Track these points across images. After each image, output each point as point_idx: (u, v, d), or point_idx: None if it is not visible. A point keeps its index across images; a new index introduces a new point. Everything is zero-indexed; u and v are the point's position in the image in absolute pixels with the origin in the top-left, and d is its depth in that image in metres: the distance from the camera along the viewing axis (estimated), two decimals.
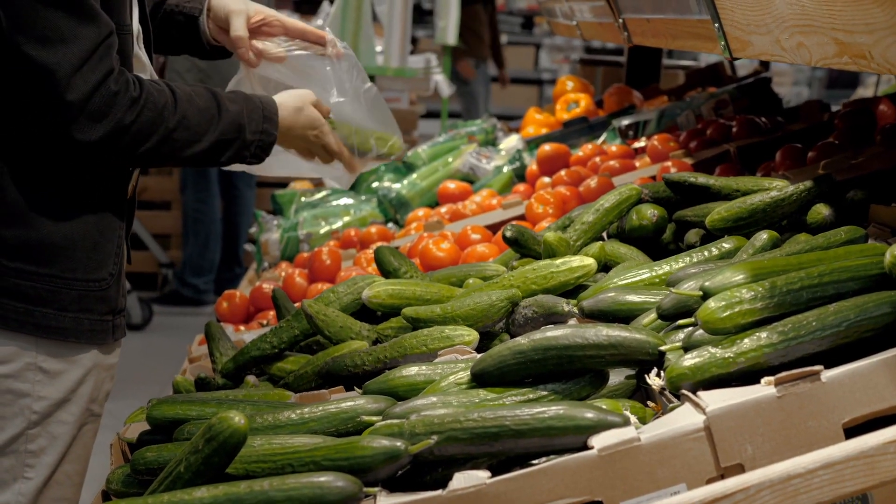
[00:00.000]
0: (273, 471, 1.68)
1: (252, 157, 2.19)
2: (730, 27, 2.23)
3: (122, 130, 1.99)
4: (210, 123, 2.11)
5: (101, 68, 1.96)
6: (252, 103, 2.19)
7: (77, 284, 2.06)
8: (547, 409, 1.61)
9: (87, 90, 1.95)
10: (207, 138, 2.11)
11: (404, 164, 4.24)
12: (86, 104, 1.95)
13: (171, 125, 2.05)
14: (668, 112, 3.98)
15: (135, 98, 2.00)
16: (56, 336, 2.05)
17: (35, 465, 2.08)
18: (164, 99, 2.06)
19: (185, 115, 2.08)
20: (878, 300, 1.65)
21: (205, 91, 2.15)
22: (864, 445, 1.46)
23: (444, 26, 8.81)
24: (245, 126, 2.16)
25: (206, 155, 2.13)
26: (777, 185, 2.32)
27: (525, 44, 13.97)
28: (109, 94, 1.97)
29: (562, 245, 2.31)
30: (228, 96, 2.18)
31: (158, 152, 2.06)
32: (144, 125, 2.02)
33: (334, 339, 2.27)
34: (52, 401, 2.06)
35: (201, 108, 2.11)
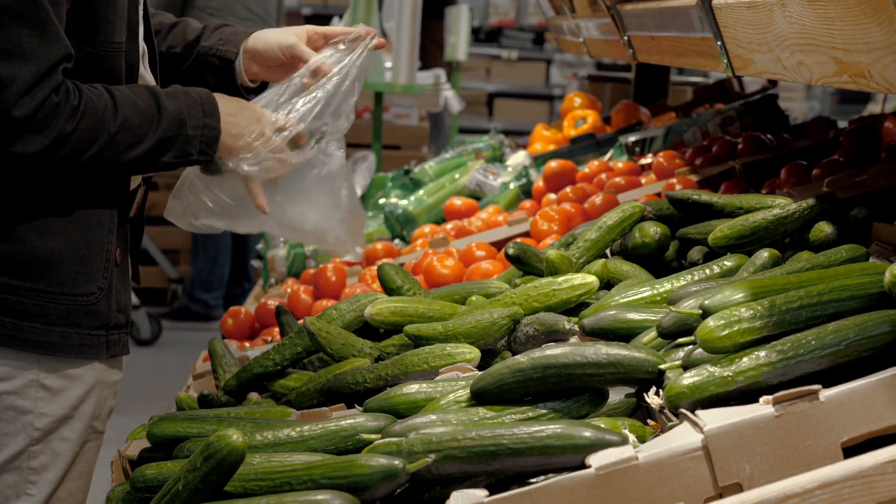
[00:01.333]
0: (271, 489, 1.68)
1: (199, 154, 2.14)
2: (732, 45, 2.23)
3: (63, 140, 1.97)
4: (151, 123, 2.07)
5: (49, 85, 1.94)
6: (191, 98, 2.14)
7: (64, 299, 2.05)
8: (545, 428, 1.60)
9: (33, 107, 1.93)
10: (150, 138, 2.06)
11: (411, 180, 4.24)
12: (31, 120, 1.93)
13: (113, 129, 2.02)
14: (675, 129, 3.98)
15: (75, 106, 1.98)
16: (44, 351, 2.04)
17: (37, 482, 2.08)
18: (103, 103, 2.02)
19: (125, 117, 2.04)
20: (878, 319, 1.65)
21: (144, 90, 2.11)
22: (862, 465, 1.46)
23: (454, 42, 8.81)
24: (186, 121, 2.11)
25: (149, 156, 2.08)
26: (780, 202, 2.31)
27: (536, 59, 13.96)
28: (51, 106, 1.95)
29: (564, 262, 2.31)
30: (167, 93, 2.13)
31: (101, 158, 2.02)
32: (85, 132, 1.99)
33: (336, 356, 2.27)
34: (54, 417, 2.07)
35: (142, 108, 2.07)
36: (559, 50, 9.80)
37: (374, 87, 5.16)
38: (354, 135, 7.76)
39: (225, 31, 2.40)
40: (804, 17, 1.82)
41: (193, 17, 6.57)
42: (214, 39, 2.39)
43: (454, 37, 8.63)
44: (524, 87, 13.72)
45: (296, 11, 13.25)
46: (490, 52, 13.93)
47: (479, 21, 14.08)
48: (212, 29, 2.41)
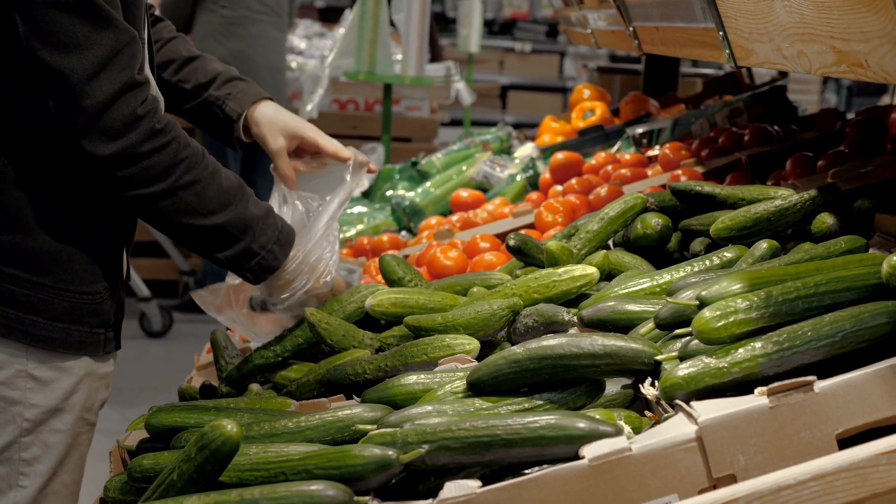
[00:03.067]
0: (266, 479, 1.68)
1: (249, 272, 2.17)
2: (734, 35, 2.22)
3: (132, 157, 1.96)
4: (224, 206, 2.08)
5: (121, 78, 1.94)
6: (273, 219, 2.18)
7: (70, 296, 2.06)
8: (538, 419, 1.60)
9: (103, 98, 1.92)
10: (213, 219, 2.08)
11: (419, 172, 4.24)
12: (102, 113, 1.92)
13: (184, 182, 2.02)
14: (683, 120, 3.97)
15: (157, 130, 1.98)
16: (44, 345, 2.04)
17: (29, 474, 2.08)
18: (188, 153, 2.03)
19: (200, 180, 2.05)
20: (875, 310, 1.64)
21: (236, 179, 2.13)
22: (856, 457, 1.45)
23: (466, 34, 8.81)
24: (255, 232, 2.14)
25: (205, 235, 2.09)
26: (782, 193, 2.30)
27: (550, 52, 13.95)
28: (131, 114, 1.95)
29: (564, 254, 2.30)
30: (255, 200, 2.15)
31: (158, 203, 2.02)
32: (156, 164, 1.99)
33: (336, 347, 2.27)
34: (44, 409, 2.07)
35: (223, 187, 2.08)
36: (572, 42, 9.81)
37: (383, 79, 5.16)
38: (364, 127, 7.81)
39: (237, 86, 2.42)
40: (803, 7, 1.81)
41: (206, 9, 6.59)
42: (224, 92, 2.40)
43: (466, 29, 8.63)
44: (538, 80, 13.72)
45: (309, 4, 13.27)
46: (504, 44, 13.93)
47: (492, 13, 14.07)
48: (224, 79, 2.42)
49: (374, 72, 5.13)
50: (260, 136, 2.39)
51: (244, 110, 2.38)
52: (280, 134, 2.38)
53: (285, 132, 2.39)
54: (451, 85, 7.02)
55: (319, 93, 5.84)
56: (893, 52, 1.56)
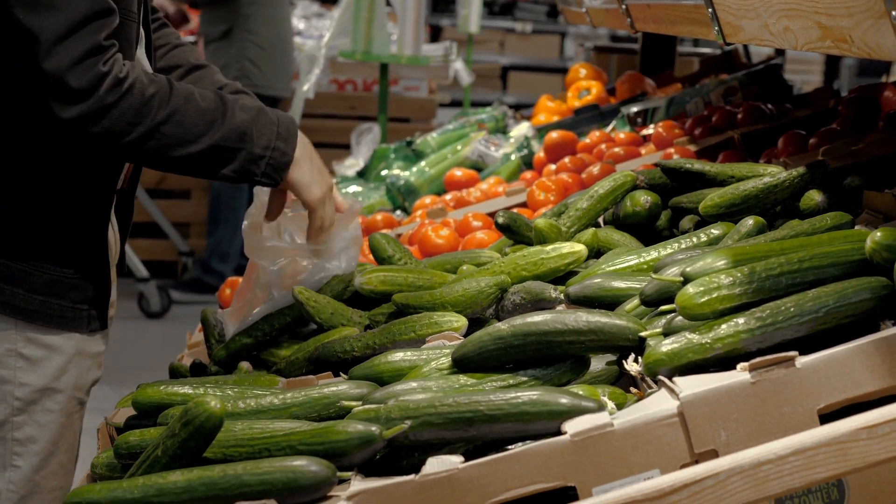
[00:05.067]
0: (250, 455, 1.69)
1: (263, 177, 2.11)
2: (722, 12, 2.21)
3: (101, 111, 1.93)
4: (209, 126, 2.03)
5: (88, 42, 1.90)
6: (266, 117, 2.11)
7: (48, 269, 2.05)
8: (521, 395, 1.60)
9: (67, 61, 1.89)
10: (203, 141, 2.02)
11: (414, 151, 4.23)
12: (64, 75, 1.89)
13: (160, 117, 1.98)
14: (678, 99, 3.96)
15: (119, 79, 1.94)
16: (23, 318, 2.04)
17: (23, 454, 2.08)
18: (154, 88, 1.98)
19: (177, 109, 2.00)
20: (858, 286, 1.64)
21: (213, 94, 2.08)
22: (836, 432, 1.45)
23: (466, 14, 8.79)
24: (251, 137, 2.07)
25: (202, 160, 2.04)
26: (771, 171, 2.30)
27: (550, 32, 13.91)
28: (95, 73, 1.91)
29: (552, 231, 2.30)
30: (240, 104, 2.09)
31: (144, 146, 1.99)
32: (126, 111, 1.95)
33: (325, 325, 2.27)
34: (35, 388, 2.07)
35: (201, 108, 2.03)
36: (569, 21, 9.77)
37: (379, 59, 5.15)
38: (361, 107, 7.80)
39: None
40: None
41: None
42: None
43: (466, 9, 8.60)
44: (538, 60, 13.68)
45: None
46: (504, 24, 13.89)
47: None
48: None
49: (370, 51, 5.12)
50: None
51: None
52: None
53: None
54: (450, 65, 7.01)
55: (316, 73, 5.83)
56: (877, 26, 1.55)
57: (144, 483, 1.61)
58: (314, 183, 2.19)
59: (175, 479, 1.61)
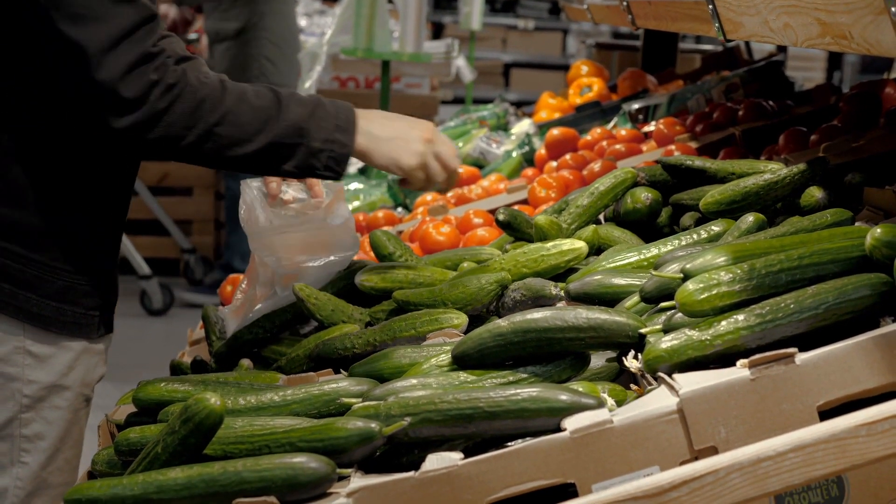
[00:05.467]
0: (250, 452, 1.69)
1: (325, 170, 2.10)
2: (723, 8, 2.21)
3: (154, 118, 1.94)
4: (264, 124, 2.03)
5: (136, 50, 1.92)
6: (324, 110, 2.09)
7: (64, 275, 2.06)
8: (521, 391, 1.60)
9: (118, 72, 1.90)
10: (260, 139, 2.02)
11: None
12: (116, 86, 1.91)
13: (213, 119, 1.98)
14: (679, 96, 3.96)
15: (170, 84, 1.95)
16: (37, 323, 2.05)
17: (31, 451, 2.09)
18: (206, 91, 1.99)
19: (230, 110, 2.00)
20: (858, 283, 1.64)
21: (267, 91, 2.08)
22: (836, 428, 1.45)
23: (468, 12, 8.78)
24: (309, 131, 2.06)
25: (261, 158, 2.04)
26: (772, 167, 2.30)
27: (552, 29, 13.90)
28: (146, 81, 1.92)
29: (553, 228, 2.30)
30: (296, 99, 2.09)
31: (201, 148, 1.99)
32: (180, 116, 1.96)
33: (326, 322, 2.27)
34: (43, 385, 2.07)
35: (255, 106, 2.03)
36: (570, 18, 9.75)
37: (381, 56, 5.14)
38: (364, 104, 7.75)
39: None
40: None
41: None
42: None
43: (468, 6, 8.60)
44: (541, 57, 13.67)
45: None
46: (506, 21, 13.88)
47: None
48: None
49: (371, 48, 5.11)
50: None
51: None
52: None
53: None
54: (452, 62, 7.00)
55: (318, 70, 5.83)
56: (876, 22, 1.55)
57: (144, 480, 1.61)
58: (401, 156, 2.17)
59: (175, 475, 1.61)
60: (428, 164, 2.20)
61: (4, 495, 2.08)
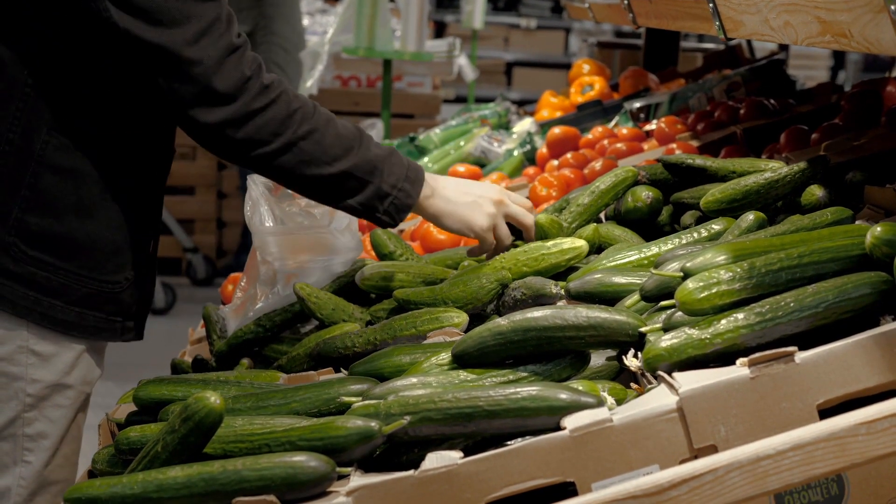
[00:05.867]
0: (250, 451, 1.69)
1: (384, 214, 2.11)
2: (723, 7, 2.21)
3: (247, 116, 1.93)
4: (346, 151, 2.03)
5: (221, 43, 1.91)
6: (398, 158, 2.11)
7: (90, 283, 2.06)
8: (520, 390, 1.60)
9: (211, 62, 1.88)
10: (338, 165, 2.02)
11: (416, 147, 4.23)
12: (212, 76, 1.89)
13: (301, 132, 1.98)
14: (680, 95, 3.96)
15: (265, 86, 1.94)
16: (58, 328, 2.05)
17: (34, 450, 2.09)
18: (299, 103, 1.99)
19: (318, 128, 2.00)
20: (858, 281, 1.64)
21: (352, 125, 2.09)
22: (835, 427, 1.45)
23: (470, 10, 8.78)
24: (383, 172, 2.07)
25: (332, 184, 2.04)
26: (772, 166, 2.29)
27: (555, 28, 13.90)
28: (239, 74, 1.91)
29: (553, 227, 2.30)
30: (375, 142, 2.10)
31: (280, 159, 1.98)
32: (271, 120, 1.95)
33: (327, 321, 2.27)
34: (46, 384, 2.08)
35: (340, 133, 2.04)
36: (572, 17, 9.75)
37: (382, 55, 5.15)
38: (365, 103, 7.79)
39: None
40: None
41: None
42: None
43: (470, 5, 8.59)
44: (543, 56, 13.67)
45: None
46: (509, 20, 13.87)
47: None
48: None
49: (373, 47, 5.12)
50: None
51: None
52: None
53: None
54: (454, 61, 7.00)
55: (319, 69, 5.83)
56: (876, 21, 1.55)
57: (144, 479, 1.61)
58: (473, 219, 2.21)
59: (174, 474, 1.61)
60: (498, 225, 2.24)
61: (7, 495, 2.08)
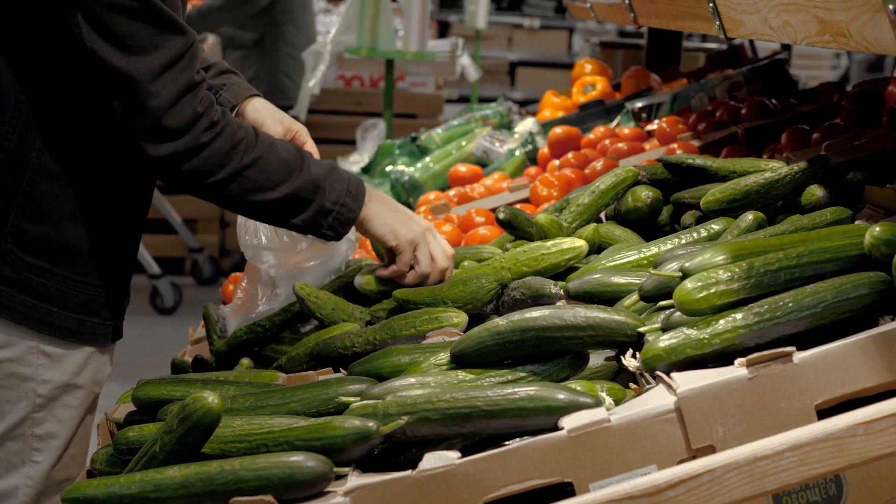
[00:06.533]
0: (248, 451, 1.69)
1: (329, 230, 2.14)
2: (723, 7, 2.21)
3: (194, 150, 1.97)
4: (288, 175, 2.07)
5: (183, 79, 1.95)
6: (338, 174, 2.15)
7: (87, 288, 2.08)
8: (518, 390, 1.60)
9: (168, 99, 1.93)
10: (282, 189, 2.07)
11: (418, 147, 4.23)
12: (165, 114, 1.93)
13: (246, 161, 2.02)
14: (682, 95, 3.95)
15: (214, 121, 1.98)
16: (56, 334, 2.07)
17: (43, 450, 2.10)
18: (243, 134, 2.03)
19: (261, 156, 2.04)
20: (857, 281, 1.63)
21: (291, 146, 2.12)
22: (833, 427, 1.44)
23: (474, 10, 8.78)
24: (325, 190, 2.11)
25: (278, 207, 2.08)
26: (772, 166, 2.29)
27: (558, 28, 13.89)
28: (191, 112, 1.95)
29: (553, 227, 2.30)
30: (315, 160, 2.14)
31: (227, 188, 2.02)
32: (216, 153, 1.99)
33: (326, 321, 2.27)
34: (56, 384, 2.09)
35: (282, 157, 2.08)
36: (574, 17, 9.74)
37: (384, 55, 5.15)
38: (368, 103, 7.79)
39: (230, 79, 2.39)
40: None
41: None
42: (218, 82, 2.37)
43: (474, 5, 8.59)
44: (546, 56, 13.66)
45: None
46: (512, 20, 13.87)
47: None
48: (218, 70, 2.39)
49: (375, 47, 5.12)
50: (259, 122, 2.34)
51: (238, 102, 2.35)
52: (279, 124, 2.35)
53: (283, 124, 2.35)
54: (456, 61, 6.99)
55: (321, 69, 5.83)
56: (874, 20, 1.55)
57: (142, 478, 1.61)
58: (399, 228, 2.22)
59: (172, 474, 1.61)
60: (420, 247, 2.24)
61: (15, 494, 2.09)
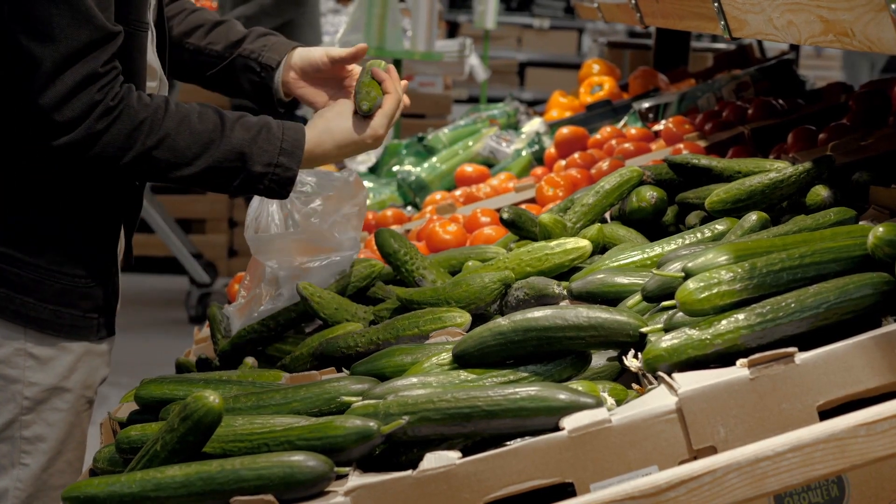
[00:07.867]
0: (249, 450, 1.68)
1: (267, 192, 2.09)
2: (728, 7, 2.20)
3: (91, 138, 1.94)
4: (205, 148, 2.02)
5: (83, 71, 1.92)
6: (269, 133, 2.07)
7: (62, 277, 2.06)
8: (519, 390, 1.60)
9: (60, 95, 1.91)
10: (198, 163, 2.02)
11: (425, 147, 4.23)
12: (53, 111, 1.91)
13: (150, 143, 1.98)
14: (690, 95, 3.94)
15: (110, 107, 1.95)
16: (35, 326, 2.05)
17: (32, 452, 2.09)
18: (145, 114, 1.98)
19: (169, 134, 1.99)
20: (860, 282, 1.63)
21: (212, 114, 2.06)
22: (835, 428, 1.44)
23: (483, 11, 8.78)
24: (250, 155, 2.04)
25: (201, 180, 2.04)
26: (777, 166, 2.28)
27: (567, 28, 13.88)
28: (87, 101, 1.93)
29: (557, 227, 2.29)
30: (242, 123, 2.07)
31: (140, 168, 2.00)
32: (116, 137, 1.96)
33: (330, 320, 2.27)
34: (44, 387, 2.08)
35: (197, 130, 2.02)
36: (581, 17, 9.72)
37: (392, 55, 5.15)
38: None
39: (270, 40, 2.34)
40: None
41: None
42: (258, 44, 2.32)
43: (483, 5, 8.59)
44: (556, 56, 13.65)
45: None
46: (521, 20, 13.86)
47: None
48: (257, 35, 2.35)
49: (383, 47, 5.12)
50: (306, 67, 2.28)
51: (283, 58, 2.29)
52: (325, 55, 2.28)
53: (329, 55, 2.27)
54: (465, 61, 6.99)
55: None
56: (877, 20, 1.54)
57: (142, 477, 1.61)
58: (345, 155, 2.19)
59: (173, 473, 1.61)
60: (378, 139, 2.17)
61: (5, 497, 2.08)
